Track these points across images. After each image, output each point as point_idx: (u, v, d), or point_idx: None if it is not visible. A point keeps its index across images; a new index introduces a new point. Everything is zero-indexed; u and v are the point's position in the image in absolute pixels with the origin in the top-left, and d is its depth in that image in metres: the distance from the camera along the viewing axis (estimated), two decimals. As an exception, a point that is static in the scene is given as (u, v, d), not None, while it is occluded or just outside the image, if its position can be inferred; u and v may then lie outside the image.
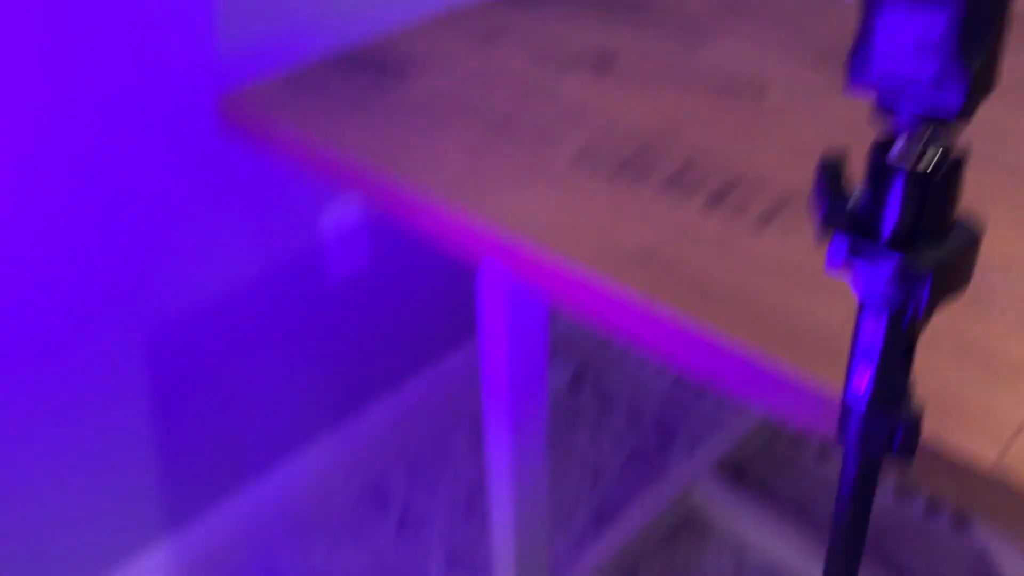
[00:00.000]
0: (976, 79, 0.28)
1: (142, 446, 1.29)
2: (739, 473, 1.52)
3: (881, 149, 0.32)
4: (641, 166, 0.80)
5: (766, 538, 1.39)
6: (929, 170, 0.31)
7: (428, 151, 0.85)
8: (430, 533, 1.47)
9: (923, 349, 0.58)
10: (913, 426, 0.35)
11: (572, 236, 0.72)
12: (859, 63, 0.30)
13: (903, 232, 0.32)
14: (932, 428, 0.53)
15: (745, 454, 1.54)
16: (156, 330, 1.24)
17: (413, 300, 1.56)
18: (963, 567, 1.36)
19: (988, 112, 0.80)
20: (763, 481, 1.51)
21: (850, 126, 0.85)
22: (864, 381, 0.35)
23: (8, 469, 1.16)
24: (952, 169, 0.31)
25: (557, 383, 1.73)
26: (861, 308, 0.34)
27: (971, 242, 0.32)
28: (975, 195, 0.71)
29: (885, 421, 0.35)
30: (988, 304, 0.61)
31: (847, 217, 0.32)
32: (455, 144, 0.85)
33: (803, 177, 0.78)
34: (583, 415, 1.67)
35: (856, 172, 0.36)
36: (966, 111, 0.29)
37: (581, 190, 0.77)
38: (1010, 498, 0.50)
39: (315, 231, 1.38)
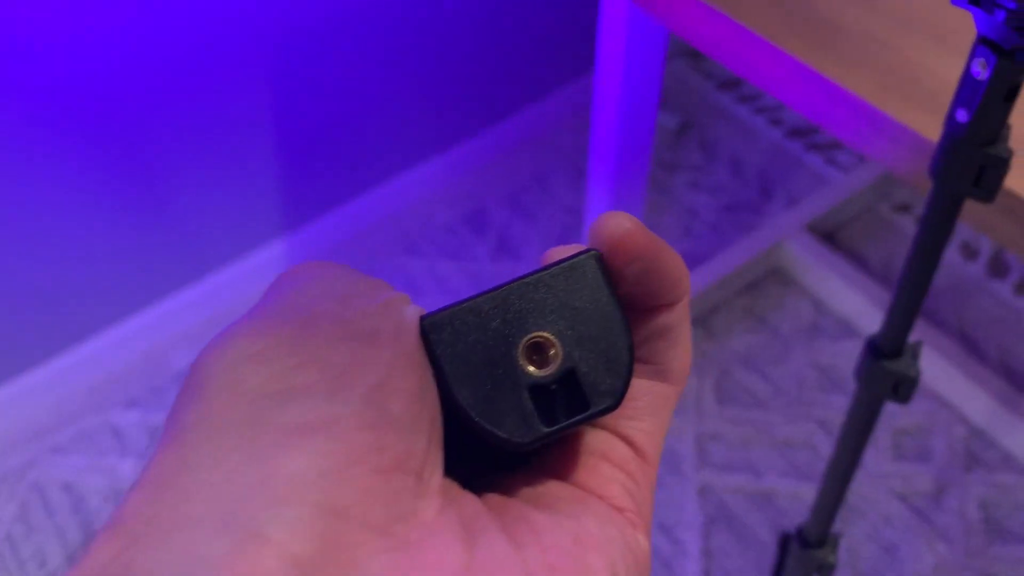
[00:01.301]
0: None
1: (259, 152, 1.37)
2: (830, 237, 1.54)
3: None
4: None
5: (846, 293, 1.43)
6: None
7: None
8: (524, 258, 1.56)
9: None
10: (999, 167, 0.37)
11: (700, -34, 0.71)
12: None
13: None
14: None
15: (839, 219, 1.55)
16: (281, 39, 1.28)
17: (529, 28, 1.55)
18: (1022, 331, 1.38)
19: None
20: (852, 247, 1.53)
21: None
22: (964, 116, 0.36)
23: (152, 153, 1.26)
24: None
25: (664, 129, 1.73)
26: (976, 44, 0.35)
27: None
28: None
29: (974, 157, 0.37)
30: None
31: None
32: None
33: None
34: (686, 164, 1.68)
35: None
36: None
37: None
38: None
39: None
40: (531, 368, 0.23)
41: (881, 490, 1.26)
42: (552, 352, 0.23)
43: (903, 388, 0.52)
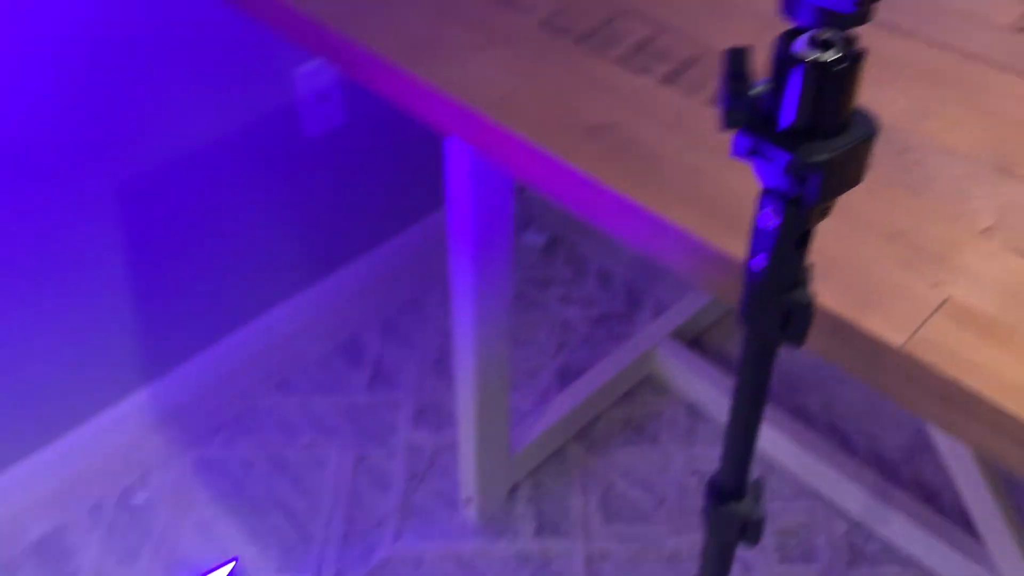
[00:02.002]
0: (867, -18, 0.29)
1: (125, 295, 1.32)
2: (697, 341, 1.58)
3: (786, 41, 0.33)
4: (607, 35, 0.80)
5: (717, 396, 1.45)
6: (826, 64, 0.32)
7: (392, 13, 0.84)
8: (400, 387, 1.53)
9: (852, 231, 0.60)
10: (804, 313, 0.38)
11: (530, 107, 0.72)
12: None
13: (799, 125, 0.33)
14: (848, 307, 0.55)
15: (704, 322, 1.59)
16: (138, 182, 1.25)
17: (390, 160, 1.56)
18: (892, 419, 1.43)
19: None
20: (719, 349, 1.57)
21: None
22: (761, 264, 0.37)
23: (-14, 313, 1.19)
24: (850, 65, 0.32)
25: (532, 248, 1.76)
26: (761, 195, 0.36)
27: (865, 139, 0.34)
28: (931, 80, 0.72)
29: (777, 304, 0.37)
30: (923, 189, 0.63)
31: (749, 109, 0.33)
32: (417, 9, 0.84)
33: (765, 56, 0.78)
34: (557, 279, 1.71)
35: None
36: (859, 11, 0.30)
37: (545, 58, 0.77)
38: (914, 380, 0.53)
39: (293, 86, 1.36)
40: None
41: (772, 594, 1.26)
42: None
43: (751, 530, 0.51)
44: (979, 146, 0.67)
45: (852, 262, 0.58)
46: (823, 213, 0.36)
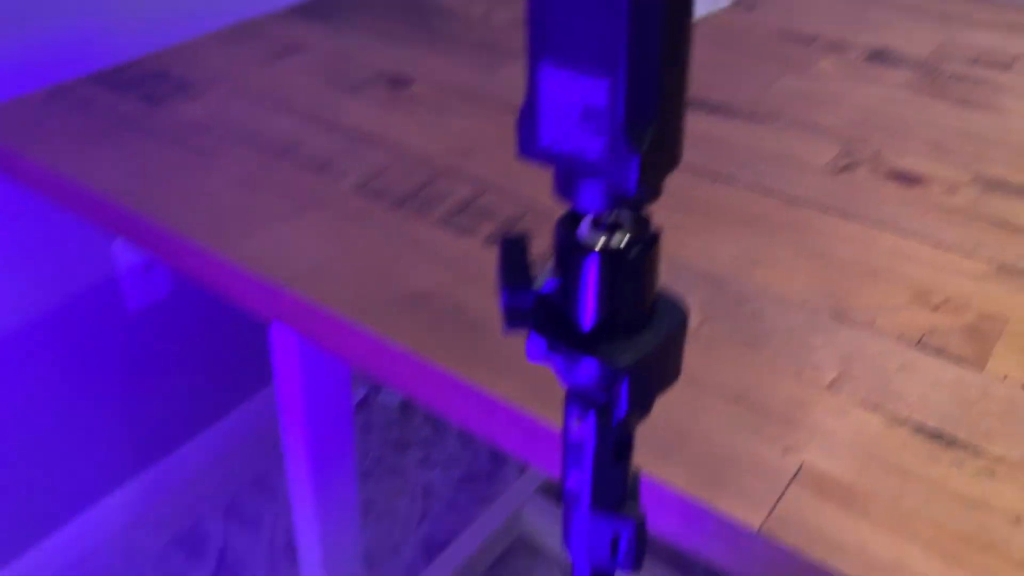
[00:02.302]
0: (649, 157, 0.24)
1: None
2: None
3: (567, 227, 0.27)
4: (427, 196, 0.75)
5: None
6: (619, 251, 0.27)
7: (194, 184, 0.77)
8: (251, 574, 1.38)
9: (694, 398, 0.55)
10: (636, 534, 0.31)
11: (346, 278, 0.66)
12: (527, 130, 0.25)
13: (597, 323, 0.27)
14: (699, 486, 0.50)
15: (575, 473, 1.52)
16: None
17: (222, 330, 1.46)
18: None
19: (741, 134, 0.79)
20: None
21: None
22: (576, 484, 0.31)
23: None
24: (646, 248, 0.27)
25: (387, 408, 1.67)
26: (566, 401, 0.30)
27: (677, 328, 0.29)
28: (757, 226, 0.70)
29: (606, 528, 0.31)
30: (763, 343, 0.60)
31: (534, 306, 0.27)
32: (228, 175, 0.78)
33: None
34: (414, 441, 1.61)
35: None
36: (644, 191, 0.25)
37: (360, 224, 0.72)
38: (780, 566, 0.48)
39: (111, 257, 1.26)
40: None
41: None
42: None
43: None
44: (813, 292, 0.64)
45: (697, 433, 0.53)
46: (643, 414, 0.30)
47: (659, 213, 0.69)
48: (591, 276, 0.27)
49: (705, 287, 0.64)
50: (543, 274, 0.28)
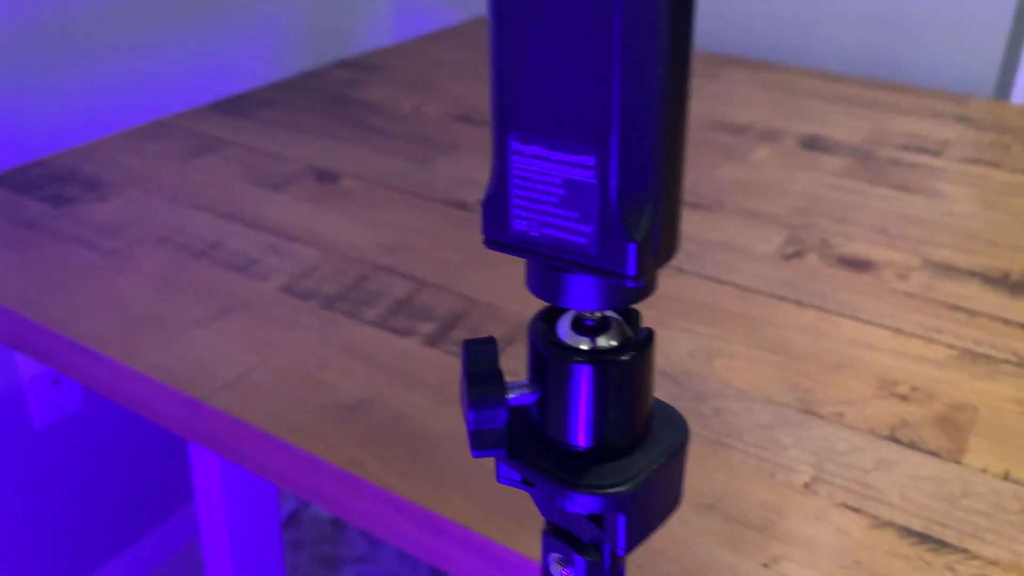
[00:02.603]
0: (646, 244, 0.19)
1: None
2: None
3: (544, 327, 0.23)
4: (360, 296, 0.70)
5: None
6: (612, 356, 0.22)
7: (103, 289, 0.70)
8: None
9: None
10: None
11: (271, 388, 0.60)
12: (495, 213, 0.21)
13: (588, 444, 0.23)
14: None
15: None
16: None
17: (139, 445, 1.36)
18: None
19: (685, 224, 0.77)
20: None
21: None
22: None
23: None
24: (640, 352, 0.23)
25: (319, 521, 1.57)
26: (544, 539, 0.25)
27: (677, 446, 0.24)
28: (712, 317, 0.67)
29: None
30: (731, 443, 0.55)
31: (507, 423, 0.23)
32: (139, 277, 0.72)
33: (539, 305, 0.71)
34: (348, 558, 1.51)
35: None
36: (641, 284, 0.20)
37: (287, 327, 0.66)
38: None
39: (16, 369, 1.17)
40: None
41: None
42: None
43: None
44: (776, 386, 0.61)
45: (672, 548, 0.48)
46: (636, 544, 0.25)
47: (609, 307, 0.65)
48: (581, 387, 0.22)
49: (663, 384, 0.60)
50: (515, 386, 0.23)
